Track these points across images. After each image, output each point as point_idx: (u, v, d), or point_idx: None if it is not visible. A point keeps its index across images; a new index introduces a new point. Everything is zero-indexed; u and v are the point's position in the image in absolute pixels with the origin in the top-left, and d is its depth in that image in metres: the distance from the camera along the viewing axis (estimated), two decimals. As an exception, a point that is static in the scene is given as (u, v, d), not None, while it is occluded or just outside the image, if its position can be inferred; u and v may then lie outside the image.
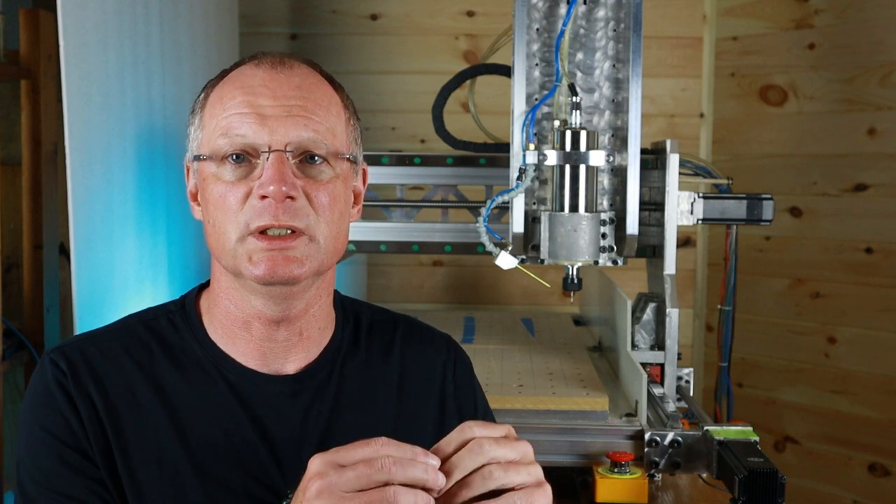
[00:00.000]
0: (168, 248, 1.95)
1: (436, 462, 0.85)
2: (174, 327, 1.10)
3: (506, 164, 1.80)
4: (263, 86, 1.02)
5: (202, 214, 1.07)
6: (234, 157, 1.01)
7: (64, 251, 2.15)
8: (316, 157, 1.02)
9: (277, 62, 1.05)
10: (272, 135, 1.00)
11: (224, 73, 1.08)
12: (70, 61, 1.49)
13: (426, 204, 2.08)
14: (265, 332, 1.07)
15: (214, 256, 1.06)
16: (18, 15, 2.04)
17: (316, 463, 0.83)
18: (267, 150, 1.00)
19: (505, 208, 1.84)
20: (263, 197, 0.99)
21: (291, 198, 0.99)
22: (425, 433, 1.14)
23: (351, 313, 1.19)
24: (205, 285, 1.14)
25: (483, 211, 1.70)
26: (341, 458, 0.83)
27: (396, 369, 1.17)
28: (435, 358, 1.21)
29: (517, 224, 1.73)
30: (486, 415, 1.26)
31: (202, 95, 1.08)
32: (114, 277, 1.67)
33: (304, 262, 1.01)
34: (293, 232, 1.00)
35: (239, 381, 1.07)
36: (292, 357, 1.09)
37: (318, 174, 1.03)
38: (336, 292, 1.17)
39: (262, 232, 1.00)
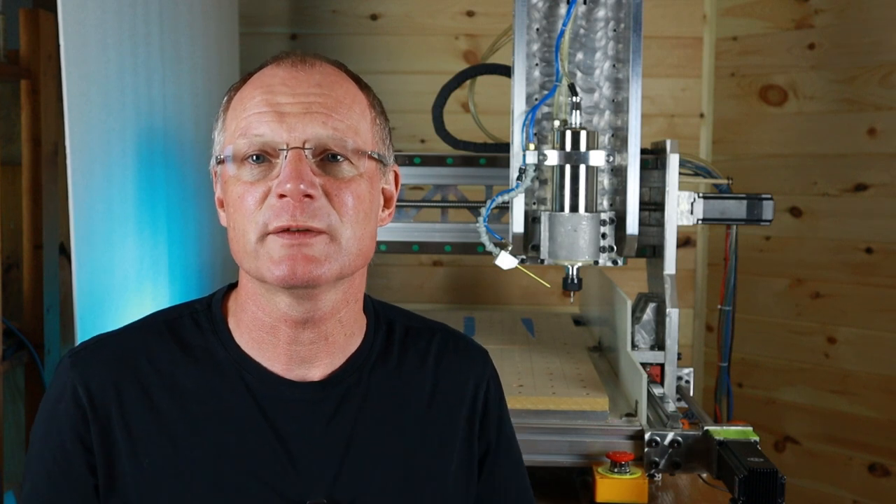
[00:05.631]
0: (168, 248, 1.95)
1: None
2: (198, 327, 1.07)
3: (506, 164, 1.80)
4: (283, 84, 1.00)
5: (226, 219, 1.04)
6: (254, 157, 0.99)
7: (64, 251, 2.14)
8: (337, 156, 0.99)
9: (299, 61, 1.03)
10: (290, 132, 0.98)
11: (248, 76, 1.06)
12: (70, 61, 1.49)
13: (426, 204, 2.08)
14: (291, 335, 1.04)
15: (237, 262, 1.03)
16: (18, 15, 2.04)
17: None
18: (285, 147, 0.97)
19: (505, 208, 1.84)
20: (281, 196, 0.96)
21: (310, 196, 0.96)
22: (453, 446, 1.13)
23: (384, 320, 1.15)
24: (233, 285, 1.10)
25: (483, 211, 1.70)
26: None
27: (430, 379, 1.13)
28: (469, 372, 1.17)
29: (517, 224, 1.73)
30: (510, 441, 1.21)
31: (225, 99, 1.06)
32: (114, 277, 1.67)
33: (324, 262, 0.98)
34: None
35: (260, 385, 1.04)
36: (317, 363, 1.06)
37: (340, 172, 1.00)
38: (367, 297, 1.14)
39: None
